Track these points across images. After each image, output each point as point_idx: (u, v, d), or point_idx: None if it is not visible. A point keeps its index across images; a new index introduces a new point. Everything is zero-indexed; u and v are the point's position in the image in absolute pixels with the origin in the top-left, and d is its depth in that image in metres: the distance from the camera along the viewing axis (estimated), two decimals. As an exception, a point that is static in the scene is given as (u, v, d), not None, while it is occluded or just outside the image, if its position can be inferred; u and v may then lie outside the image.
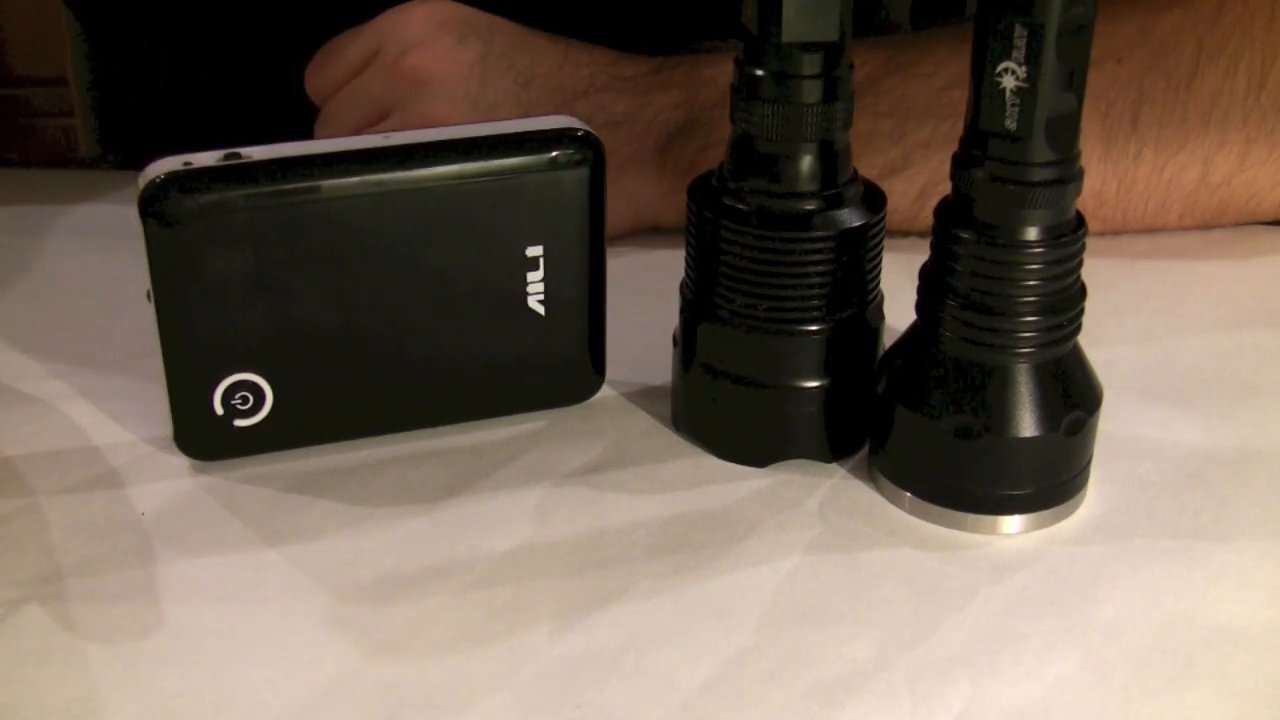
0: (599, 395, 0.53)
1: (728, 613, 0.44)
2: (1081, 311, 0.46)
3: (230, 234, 0.46)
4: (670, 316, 0.52)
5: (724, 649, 0.42)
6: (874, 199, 0.49)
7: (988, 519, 0.47)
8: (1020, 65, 0.42)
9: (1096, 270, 0.48)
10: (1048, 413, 0.45)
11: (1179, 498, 0.49)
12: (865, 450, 0.50)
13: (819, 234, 0.47)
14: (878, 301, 0.50)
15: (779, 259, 0.47)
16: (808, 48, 0.45)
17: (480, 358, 0.51)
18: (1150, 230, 0.65)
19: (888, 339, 0.50)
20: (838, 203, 0.47)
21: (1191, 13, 0.61)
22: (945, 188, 0.46)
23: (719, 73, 0.63)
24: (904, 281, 0.48)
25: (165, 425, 0.49)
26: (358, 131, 0.61)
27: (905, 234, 0.60)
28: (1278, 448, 0.51)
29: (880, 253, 0.49)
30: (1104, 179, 0.62)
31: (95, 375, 0.55)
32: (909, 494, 0.48)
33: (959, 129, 0.45)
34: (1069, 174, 0.44)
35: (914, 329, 0.48)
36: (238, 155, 0.47)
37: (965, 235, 0.45)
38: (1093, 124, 0.61)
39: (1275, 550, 0.46)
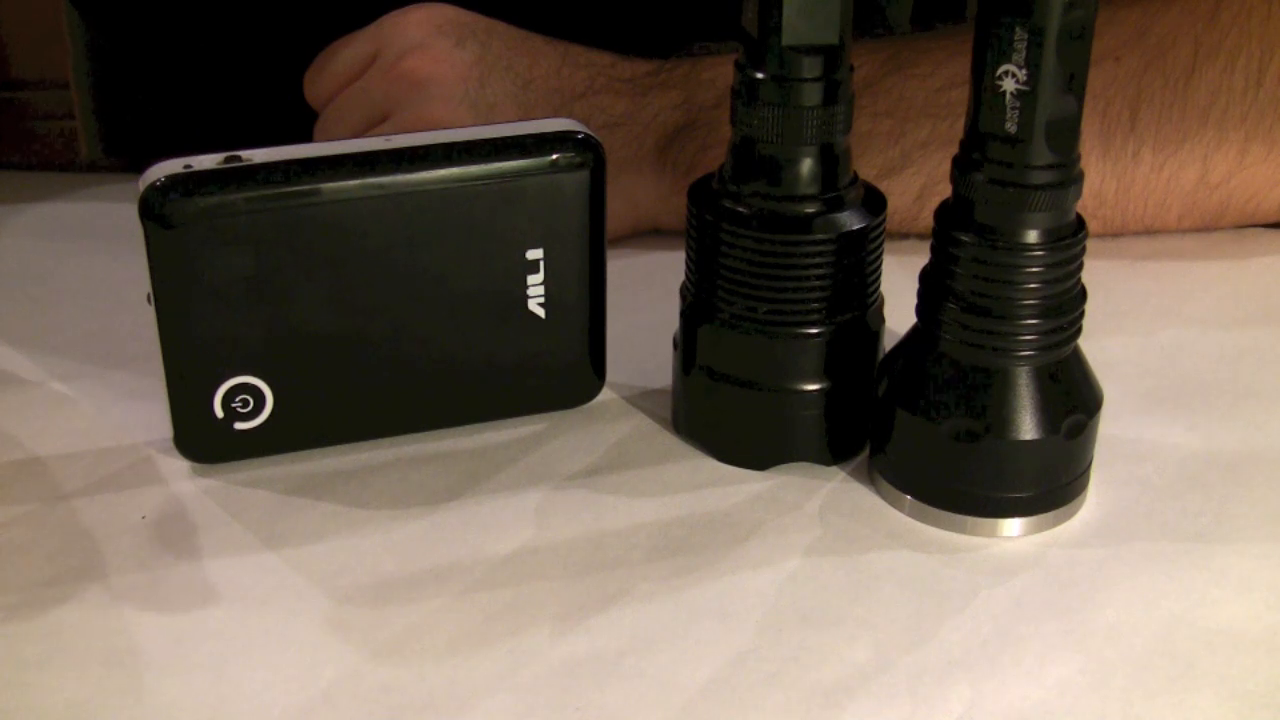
0: (599, 398, 0.53)
1: (728, 615, 0.44)
2: (1082, 314, 0.46)
3: (231, 237, 0.46)
4: (670, 319, 0.52)
5: (724, 651, 0.42)
6: (874, 201, 0.49)
7: (988, 522, 0.47)
8: (1020, 68, 0.42)
9: (1096, 272, 0.48)
10: (1048, 415, 0.45)
11: (1179, 500, 0.49)
12: (865, 453, 0.50)
13: (819, 237, 0.47)
14: (878, 304, 0.50)
15: (779, 262, 0.47)
16: (808, 51, 0.45)
17: (480, 361, 0.51)
18: (1150, 231, 0.65)
19: (888, 342, 0.50)
20: (838, 205, 0.47)
21: (1189, 11, 0.61)
22: (944, 187, 0.46)
23: (718, 74, 0.63)
24: (904, 284, 0.48)
25: (165, 428, 0.49)
26: (357, 134, 0.61)
27: (905, 235, 0.60)
28: (1278, 450, 0.51)
29: (880, 255, 0.49)
30: (1102, 178, 0.62)
31: (95, 378, 0.55)
32: (909, 497, 0.48)
33: (958, 129, 0.45)
34: (1069, 177, 0.44)
35: (914, 332, 0.48)
36: (238, 158, 0.47)
37: (965, 238, 0.45)
38: (1091, 123, 0.61)
39: (1276, 553, 0.46)
